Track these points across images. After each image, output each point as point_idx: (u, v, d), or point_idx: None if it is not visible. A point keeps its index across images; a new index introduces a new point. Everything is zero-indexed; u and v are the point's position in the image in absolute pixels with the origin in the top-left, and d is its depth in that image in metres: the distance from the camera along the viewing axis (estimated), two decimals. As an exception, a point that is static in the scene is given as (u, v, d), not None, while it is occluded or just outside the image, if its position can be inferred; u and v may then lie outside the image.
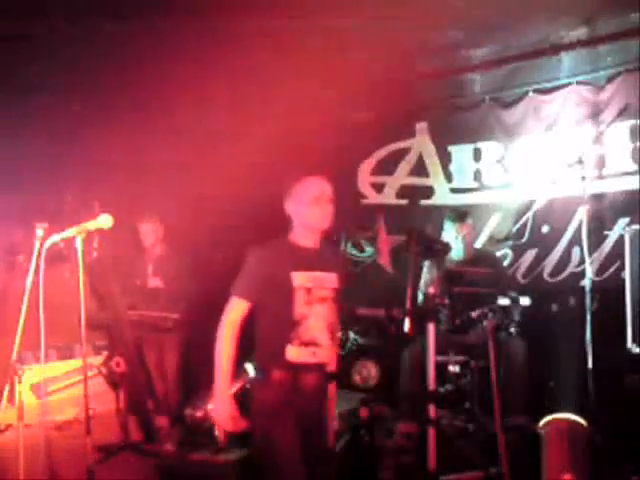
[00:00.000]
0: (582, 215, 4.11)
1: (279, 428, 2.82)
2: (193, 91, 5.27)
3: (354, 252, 5.97)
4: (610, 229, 4.80)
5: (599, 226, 4.76)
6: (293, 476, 2.81)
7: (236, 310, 2.90)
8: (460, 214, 4.83)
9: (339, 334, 3.78)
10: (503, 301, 4.02)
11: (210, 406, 3.22)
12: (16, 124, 5.02)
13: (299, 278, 2.89)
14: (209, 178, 5.41)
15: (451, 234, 4.73)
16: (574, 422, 3.63)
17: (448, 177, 5.61)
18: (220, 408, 2.90)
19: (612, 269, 4.75)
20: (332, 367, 3.14)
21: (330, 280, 3.00)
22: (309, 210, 3.01)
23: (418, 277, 4.85)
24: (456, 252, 4.69)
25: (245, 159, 5.42)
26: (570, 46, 4.86)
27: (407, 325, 3.77)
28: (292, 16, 4.22)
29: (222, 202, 5.48)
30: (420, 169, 5.75)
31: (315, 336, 2.92)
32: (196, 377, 4.93)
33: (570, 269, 4.98)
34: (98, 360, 4.94)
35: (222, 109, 5.60)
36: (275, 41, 4.60)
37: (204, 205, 5.51)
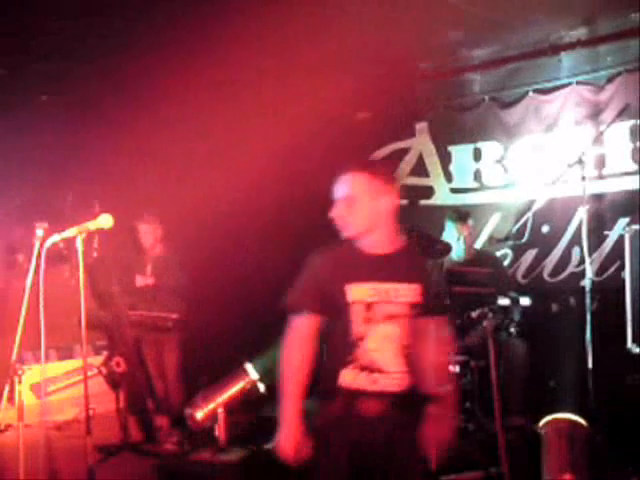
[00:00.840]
0: (582, 215, 4.11)
1: (323, 458, 2.45)
2: (194, 91, 5.27)
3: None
4: (610, 229, 4.80)
5: (599, 226, 4.76)
6: None
7: (297, 327, 2.48)
8: (461, 214, 4.83)
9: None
10: (503, 301, 4.02)
11: (274, 441, 2.72)
12: (17, 125, 5.03)
13: (356, 291, 2.44)
14: (209, 179, 5.41)
15: (452, 234, 4.73)
16: (574, 422, 3.62)
17: (448, 177, 5.61)
18: (287, 440, 2.44)
19: (612, 269, 4.75)
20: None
21: (404, 293, 2.48)
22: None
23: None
24: (457, 252, 4.69)
25: (245, 159, 5.42)
26: (570, 46, 4.86)
27: (407, 325, 3.77)
28: (292, 16, 4.21)
29: (222, 202, 5.48)
30: (420, 169, 5.75)
31: (375, 359, 2.44)
32: (196, 377, 4.94)
33: (570, 269, 4.98)
34: (98, 360, 4.95)
35: (222, 109, 5.60)
36: (275, 42, 4.60)
37: (204, 205, 5.50)
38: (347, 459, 2.42)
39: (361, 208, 2.46)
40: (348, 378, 2.43)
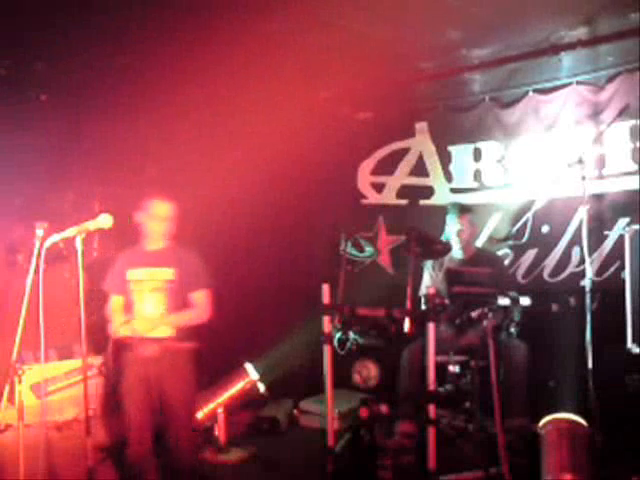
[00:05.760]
0: (582, 215, 4.11)
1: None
2: (195, 91, 5.27)
3: (354, 252, 5.97)
4: (610, 229, 4.80)
5: (599, 226, 4.76)
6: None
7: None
8: (461, 206, 4.87)
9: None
10: (503, 301, 4.01)
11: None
12: (17, 124, 5.02)
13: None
14: (209, 179, 5.41)
15: (453, 227, 4.75)
16: (574, 422, 3.63)
17: (448, 177, 5.61)
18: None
19: (612, 269, 4.75)
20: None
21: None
22: None
23: (418, 277, 4.86)
24: (456, 247, 4.71)
25: (245, 159, 5.43)
26: (570, 46, 4.86)
27: (407, 325, 3.78)
28: (292, 16, 4.21)
29: (222, 202, 5.47)
30: (420, 169, 5.75)
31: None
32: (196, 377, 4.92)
33: (570, 269, 4.98)
34: (98, 360, 4.93)
35: (222, 109, 5.60)
36: (275, 41, 4.60)
37: (204, 205, 5.50)
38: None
39: None
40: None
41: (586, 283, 4.13)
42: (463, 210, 4.84)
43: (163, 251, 4.03)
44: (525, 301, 4.07)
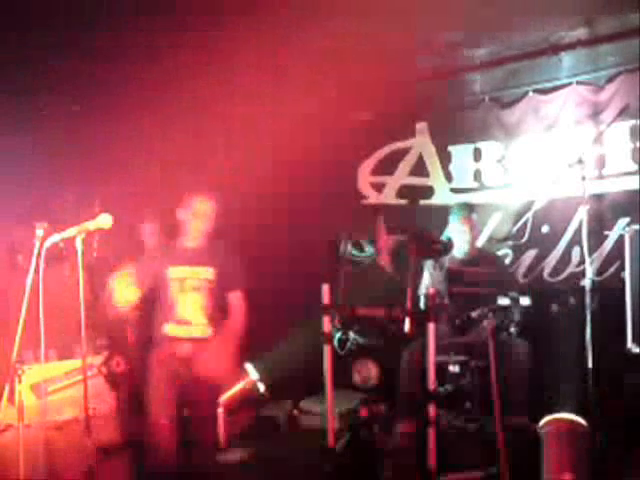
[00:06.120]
0: (582, 215, 4.10)
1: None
2: (194, 90, 5.27)
3: (354, 252, 5.97)
4: (610, 229, 4.81)
5: (599, 226, 4.76)
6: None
7: None
8: (466, 207, 4.86)
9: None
10: (503, 301, 4.02)
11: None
12: (17, 124, 5.02)
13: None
14: (209, 179, 5.41)
15: (457, 229, 4.74)
16: (574, 422, 3.62)
17: (448, 177, 5.61)
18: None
19: (612, 269, 4.75)
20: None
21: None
22: None
23: (418, 277, 4.85)
24: (460, 247, 4.71)
25: (244, 159, 5.42)
26: (570, 46, 4.86)
27: (407, 325, 3.78)
28: (292, 16, 4.21)
29: (222, 203, 5.47)
30: (420, 169, 5.75)
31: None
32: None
33: (570, 269, 4.98)
34: (98, 360, 4.93)
35: (222, 110, 5.60)
36: (275, 42, 4.60)
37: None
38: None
39: None
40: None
41: (586, 283, 4.13)
42: (471, 211, 4.83)
43: (203, 249, 3.98)
44: (525, 301, 4.07)
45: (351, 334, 3.99)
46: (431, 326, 3.70)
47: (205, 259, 3.94)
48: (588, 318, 3.97)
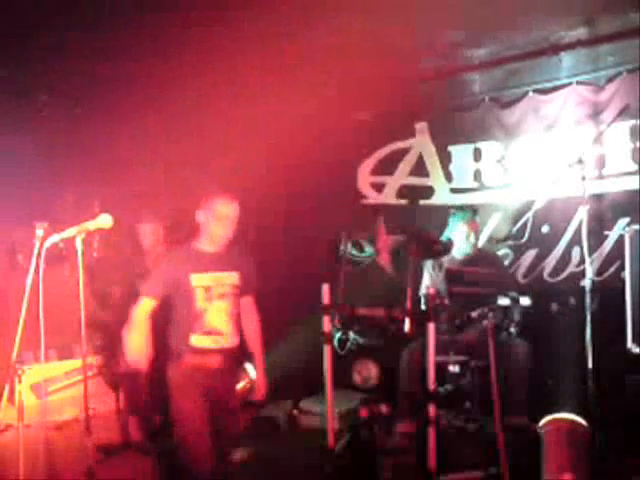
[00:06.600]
0: (582, 215, 4.11)
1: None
2: (194, 90, 5.27)
3: (354, 252, 5.97)
4: (610, 229, 4.81)
5: (599, 226, 4.76)
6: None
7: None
8: (471, 210, 4.85)
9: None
10: (503, 301, 4.02)
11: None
12: (17, 125, 5.03)
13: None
14: (208, 179, 5.41)
15: (460, 230, 4.74)
16: (574, 422, 3.63)
17: (448, 177, 5.61)
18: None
19: (612, 269, 4.75)
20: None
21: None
22: None
23: (418, 277, 4.86)
24: (464, 250, 4.71)
25: (244, 159, 5.42)
26: (570, 46, 4.86)
27: (407, 325, 3.78)
28: (293, 16, 4.21)
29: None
30: (420, 169, 5.75)
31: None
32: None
33: (570, 269, 4.99)
34: (98, 360, 4.93)
35: (222, 109, 5.60)
36: (275, 41, 4.60)
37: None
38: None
39: None
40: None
41: (586, 283, 4.13)
42: (475, 214, 4.83)
43: (225, 253, 3.69)
44: (525, 301, 4.07)
45: (351, 334, 3.99)
46: (431, 326, 3.70)
47: (228, 264, 3.67)
48: (588, 318, 3.97)
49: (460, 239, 4.73)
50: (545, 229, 5.10)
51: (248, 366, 5.19)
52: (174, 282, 3.58)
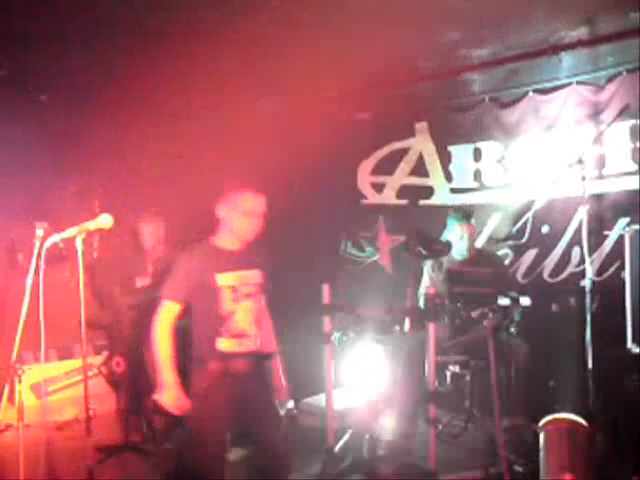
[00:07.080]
0: (582, 215, 4.10)
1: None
2: (194, 90, 5.27)
3: (354, 252, 5.97)
4: (610, 229, 4.81)
5: (599, 226, 4.76)
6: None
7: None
8: (466, 213, 4.83)
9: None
10: (503, 301, 4.02)
11: (157, 396, 3.24)
12: (17, 124, 5.03)
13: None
14: (208, 179, 5.41)
15: (455, 233, 4.73)
16: (574, 422, 3.63)
17: (448, 177, 5.62)
18: (170, 397, 3.20)
19: (612, 269, 4.75)
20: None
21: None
22: None
23: (418, 277, 4.86)
24: (460, 251, 4.70)
25: (244, 159, 5.42)
26: (570, 46, 4.85)
27: (407, 325, 3.79)
28: (293, 16, 4.21)
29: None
30: (420, 169, 5.75)
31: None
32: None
33: (570, 269, 4.98)
34: (98, 360, 4.95)
35: (221, 110, 5.60)
36: (275, 41, 4.60)
37: (205, 204, 5.50)
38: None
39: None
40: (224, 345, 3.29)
41: (586, 283, 4.13)
42: (467, 217, 4.81)
43: (248, 251, 3.47)
44: (525, 301, 4.07)
45: (351, 334, 3.99)
46: (431, 326, 3.70)
47: (251, 261, 3.45)
48: (588, 318, 3.97)
49: (455, 241, 4.74)
50: (545, 229, 5.10)
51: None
52: (198, 283, 3.32)
